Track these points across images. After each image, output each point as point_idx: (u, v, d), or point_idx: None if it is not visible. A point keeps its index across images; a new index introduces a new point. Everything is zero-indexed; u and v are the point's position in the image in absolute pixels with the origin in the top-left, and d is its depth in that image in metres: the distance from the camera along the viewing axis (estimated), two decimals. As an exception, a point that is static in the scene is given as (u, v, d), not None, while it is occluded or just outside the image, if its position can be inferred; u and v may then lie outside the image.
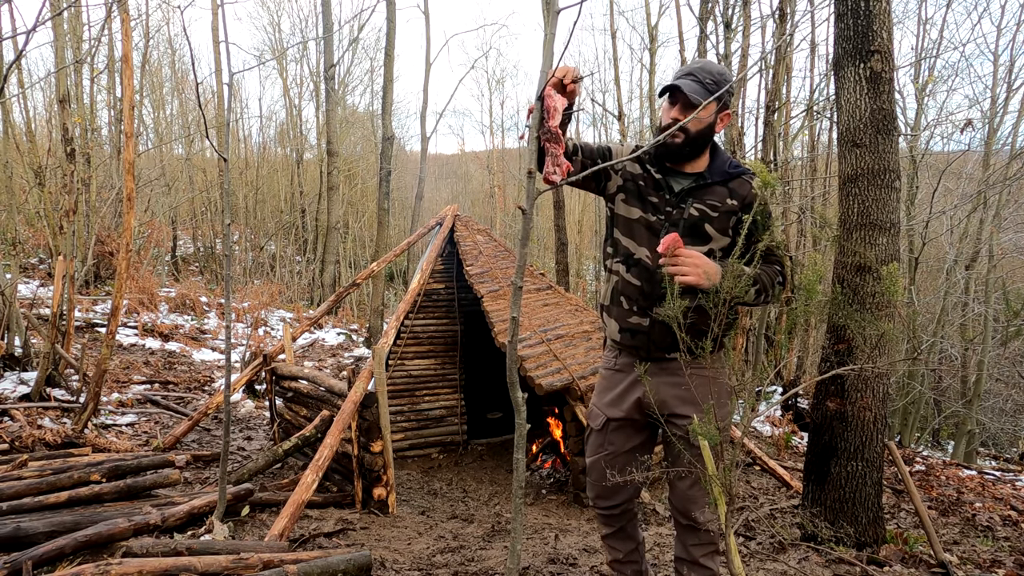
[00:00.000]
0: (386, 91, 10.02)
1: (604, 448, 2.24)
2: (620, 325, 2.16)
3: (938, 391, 10.33)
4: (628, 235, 2.14)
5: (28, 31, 4.16)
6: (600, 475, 2.24)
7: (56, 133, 11.50)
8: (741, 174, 2.12)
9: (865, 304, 3.19)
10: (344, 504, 4.36)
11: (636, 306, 2.13)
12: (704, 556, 2.22)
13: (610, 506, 2.29)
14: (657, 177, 2.12)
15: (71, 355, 6.45)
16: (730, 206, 2.08)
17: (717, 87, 1.97)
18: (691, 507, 2.18)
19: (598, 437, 2.26)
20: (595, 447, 2.27)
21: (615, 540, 2.37)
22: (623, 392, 2.20)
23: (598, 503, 2.31)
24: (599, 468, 2.25)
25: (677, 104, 2.02)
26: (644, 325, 2.12)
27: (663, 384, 2.13)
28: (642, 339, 2.13)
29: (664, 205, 2.10)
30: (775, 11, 8.34)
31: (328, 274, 16.40)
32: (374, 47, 23.13)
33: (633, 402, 2.18)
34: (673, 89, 2.00)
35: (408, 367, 6.31)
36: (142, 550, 2.73)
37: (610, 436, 2.23)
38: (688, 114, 1.97)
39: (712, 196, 2.08)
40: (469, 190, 30.69)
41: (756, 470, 5.64)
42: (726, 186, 2.10)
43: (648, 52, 14.51)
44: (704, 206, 2.07)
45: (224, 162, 3.17)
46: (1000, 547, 3.88)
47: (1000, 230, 9.50)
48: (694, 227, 2.06)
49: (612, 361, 2.26)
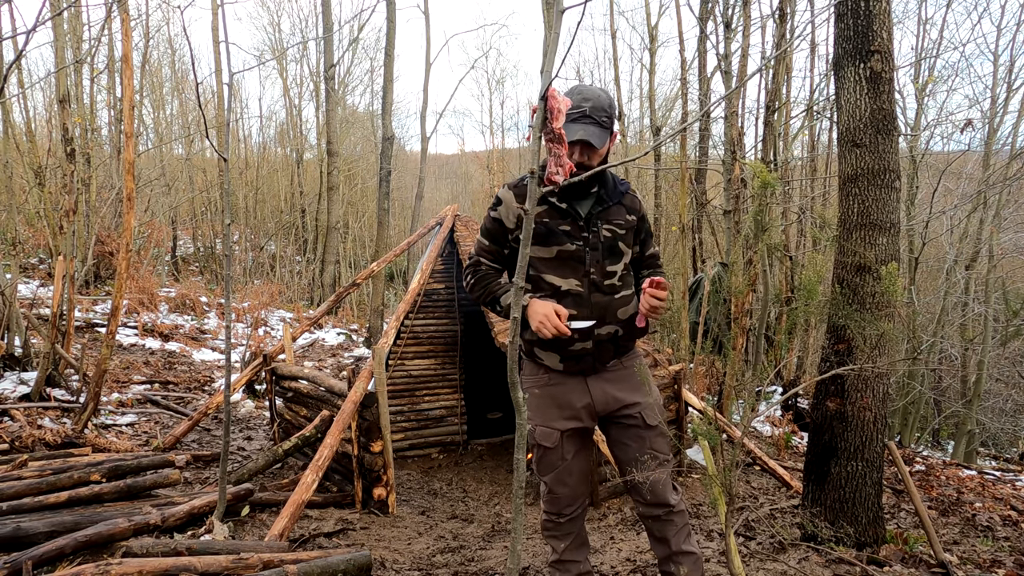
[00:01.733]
0: (386, 91, 10.02)
1: (562, 460, 2.24)
2: (562, 355, 2.20)
3: (938, 391, 10.33)
4: (550, 271, 2.17)
5: (28, 31, 4.16)
6: (563, 485, 2.25)
7: (56, 133, 11.50)
8: (628, 189, 2.29)
9: (865, 304, 3.19)
10: (344, 504, 4.36)
11: (578, 333, 2.17)
12: (685, 542, 2.26)
13: (571, 512, 2.29)
14: (563, 206, 2.16)
15: (71, 355, 6.45)
16: (631, 222, 2.25)
17: (610, 120, 2.12)
18: (666, 492, 2.22)
19: (552, 454, 2.25)
20: (551, 464, 2.26)
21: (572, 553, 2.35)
22: (570, 403, 2.23)
23: (564, 512, 2.29)
24: (561, 480, 2.25)
25: (582, 148, 2.10)
26: (589, 348, 2.19)
27: (607, 385, 2.24)
28: (588, 360, 2.21)
29: (578, 232, 2.17)
30: (775, 11, 8.34)
31: (328, 274, 16.41)
32: (374, 47, 23.14)
33: (583, 408, 2.22)
34: (584, 143, 2.07)
35: (408, 367, 6.31)
36: (142, 550, 2.73)
37: (564, 447, 2.24)
38: (591, 151, 2.09)
39: (616, 215, 2.22)
40: (469, 190, 30.69)
41: (756, 470, 5.64)
42: (622, 204, 2.25)
43: (648, 52, 14.52)
44: (612, 226, 2.21)
45: (224, 162, 3.17)
46: (1000, 547, 3.88)
47: (1000, 230, 9.50)
48: (611, 247, 2.20)
49: (545, 379, 2.26)
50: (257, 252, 20.21)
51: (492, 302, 2.21)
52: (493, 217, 2.23)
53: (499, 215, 2.21)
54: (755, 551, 3.34)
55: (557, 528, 2.32)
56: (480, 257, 2.27)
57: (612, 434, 2.30)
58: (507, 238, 2.22)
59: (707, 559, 3.20)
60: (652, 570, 3.09)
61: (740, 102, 10.10)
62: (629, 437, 2.25)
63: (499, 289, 2.21)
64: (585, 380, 2.23)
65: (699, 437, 2.17)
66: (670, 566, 2.27)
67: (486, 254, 2.27)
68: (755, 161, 7.68)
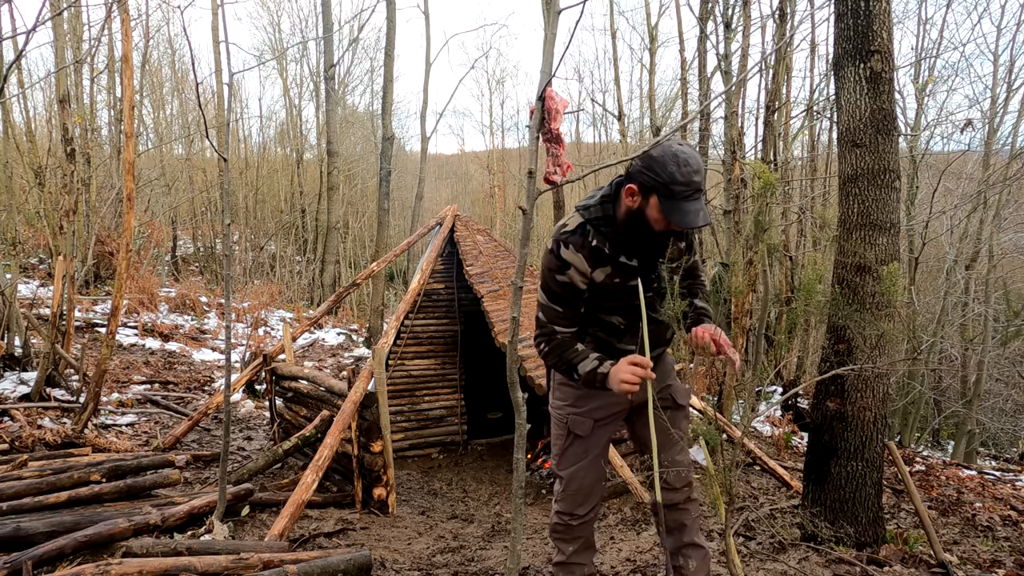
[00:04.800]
0: (386, 91, 10.03)
1: (590, 452, 2.21)
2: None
3: (938, 391, 10.33)
4: (611, 314, 2.12)
5: (28, 31, 4.16)
6: (581, 481, 2.21)
7: (56, 133, 11.50)
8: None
9: (865, 304, 3.19)
10: (344, 504, 4.36)
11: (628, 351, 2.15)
12: (696, 534, 2.25)
13: (584, 515, 2.25)
14: (632, 264, 2.06)
15: (71, 355, 6.45)
16: (681, 248, 2.15)
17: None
18: (688, 477, 2.21)
19: (583, 443, 2.21)
20: (578, 455, 2.21)
21: (578, 556, 2.31)
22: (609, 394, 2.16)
23: (577, 513, 2.24)
24: (580, 476, 2.21)
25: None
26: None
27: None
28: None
29: (648, 284, 2.08)
30: (775, 11, 8.34)
31: (328, 274, 16.41)
32: (374, 47, 23.13)
33: (620, 401, 2.19)
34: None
35: (408, 367, 6.31)
36: (142, 550, 2.73)
37: (595, 437, 2.21)
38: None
39: (671, 250, 2.09)
40: (469, 190, 30.69)
41: (756, 470, 5.63)
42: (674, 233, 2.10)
43: (648, 52, 14.53)
44: (668, 263, 2.09)
45: (224, 162, 3.17)
46: (1000, 547, 3.88)
47: (1000, 230, 9.50)
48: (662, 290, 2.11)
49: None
50: (257, 252, 20.21)
51: (568, 369, 2.09)
52: (562, 282, 2.04)
53: (569, 280, 2.04)
54: (755, 551, 3.34)
55: (568, 531, 2.27)
56: (555, 326, 2.10)
57: (641, 415, 2.21)
58: (581, 299, 2.09)
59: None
60: (652, 570, 3.09)
61: (740, 102, 10.10)
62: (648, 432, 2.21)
63: (575, 357, 2.07)
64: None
65: (699, 437, 2.17)
66: (679, 559, 2.24)
67: (560, 320, 2.09)
68: (756, 161, 7.68)
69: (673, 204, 1.87)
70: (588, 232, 2.02)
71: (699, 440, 2.17)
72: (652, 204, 1.91)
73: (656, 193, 1.88)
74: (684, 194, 1.86)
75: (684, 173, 1.85)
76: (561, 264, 2.02)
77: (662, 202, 1.88)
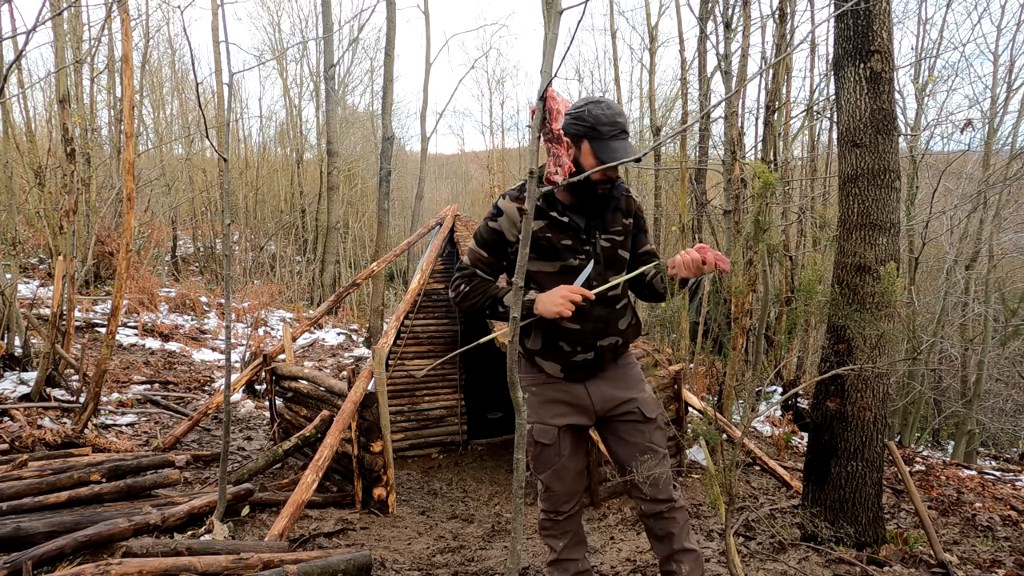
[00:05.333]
0: (386, 91, 10.02)
1: (559, 457, 2.24)
2: (563, 364, 2.19)
3: (938, 391, 10.33)
4: (553, 285, 2.11)
5: (28, 31, 4.16)
6: (559, 483, 2.25)
7: (56, 133, 11.50)
8: (624, 192, 2.21)
9: (865, 304, 3.19)
10: (344, 504, 4.36)
11: (580, 346, 2.15)
12: (687, 539, 2.25)
13: (568, 510, 2.29)
14: (564, 220, 2.10)
15: (71, 355, 6.45)
16: (627, 225, 2.22)
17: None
18: (667, 487, 2.21)
19: (549, 451, 2.23)
20: (548, 461, 2.24)
21: (570, 551, 2.34)
22: (567, 401, 2.22)
23: (561, 510, 2.28)
24: (557, 478, 2.25)
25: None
26: (590, 358, 2.18)
27: (604, 385, 2.23)
28: (588, 368, 2.20)
29: (580, 245, 2.12)
30: (775, 11, 8.34)
31: (328, 274, 16.40)
32: (374, 47, 23.12)
33: (581, 406, 2.22)
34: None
35: (408, 367, 6.30)
36: (142, 550, 2.73)
37: (561, 444, 2.24)
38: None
39: (613, 223, 2.18)
40: (469, 190, 30.67)
41: (756, 470, 5.63)
42: (619, 208, 2.19)
43: (648, 52, 14.52)
44: (611, 235, 2.16)
45: (224, 162, 3.17)
46: (1000, 547, 3.88)
47: (1000, 230, 9.50)
48: (612, 258, 2.16)
49: (543, 378, 2.24)
50: (257, 252, 20.21)
51: (493, 304, 2.12)
52: (492, 228, 2.13)
53: (499, 227, 2.12)
54: (755, 551, 3.34)
55: (555, 526, 2.32)
56: (476, 268, 2.17)
57: (612, 431, 2.29)
58: (507, 251, 2.14)
59: (707, 559, 3.20)
60: (652, 570, 3.09)
61: (740, 102, 10.10)
62: (628, 432, 2.24)
63: (499, 291, 2.13)
64: (584, 384, 2.22)
65: (699, 437, 2.17)
66: (671, 565, 2.25)
67: (482, 265, 2.17)
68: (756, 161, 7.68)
69: (602, 144, 2.00)
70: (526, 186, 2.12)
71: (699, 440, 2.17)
72: (585, 151, 2.04)
73: (586, 138, 2.02)
74: (611, 133, 2.00)
75: (608, 115, 1.99)
76: (495, 212, 2.13)
77: (592, 144, 2.01)
